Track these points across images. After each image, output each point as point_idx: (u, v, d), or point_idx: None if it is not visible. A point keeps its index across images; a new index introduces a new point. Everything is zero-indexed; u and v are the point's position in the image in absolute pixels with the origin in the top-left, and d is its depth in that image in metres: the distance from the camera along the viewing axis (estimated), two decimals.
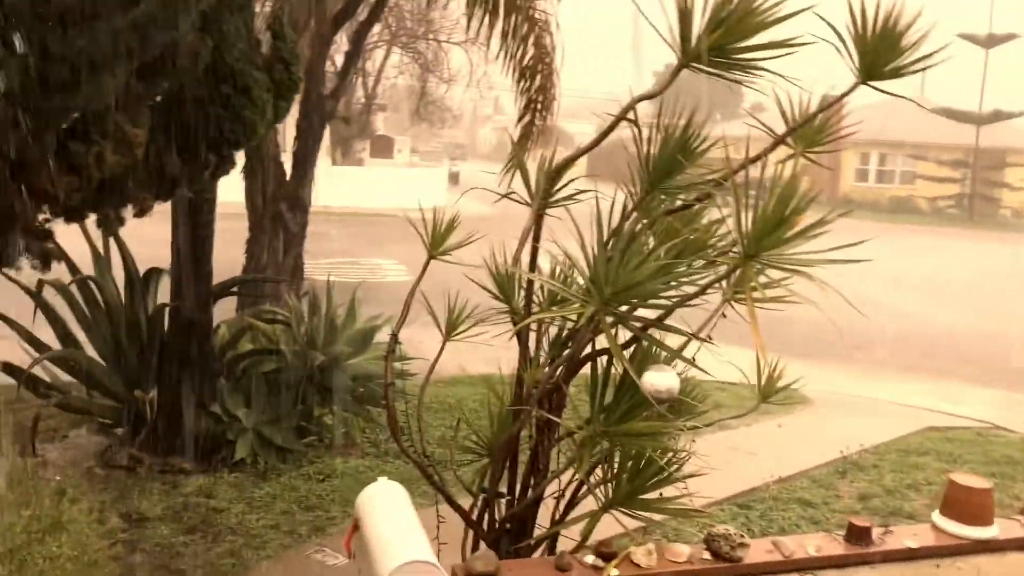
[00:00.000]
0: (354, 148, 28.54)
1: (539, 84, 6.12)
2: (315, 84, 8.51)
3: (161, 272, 5.90)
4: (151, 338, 5.67)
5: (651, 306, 2.83)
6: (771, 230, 2.48)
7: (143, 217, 3.93)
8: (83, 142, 3.33)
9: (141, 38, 3.10)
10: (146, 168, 3.69)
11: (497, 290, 3.18)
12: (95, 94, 3.17)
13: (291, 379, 5.80)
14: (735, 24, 2.75)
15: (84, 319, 5.91)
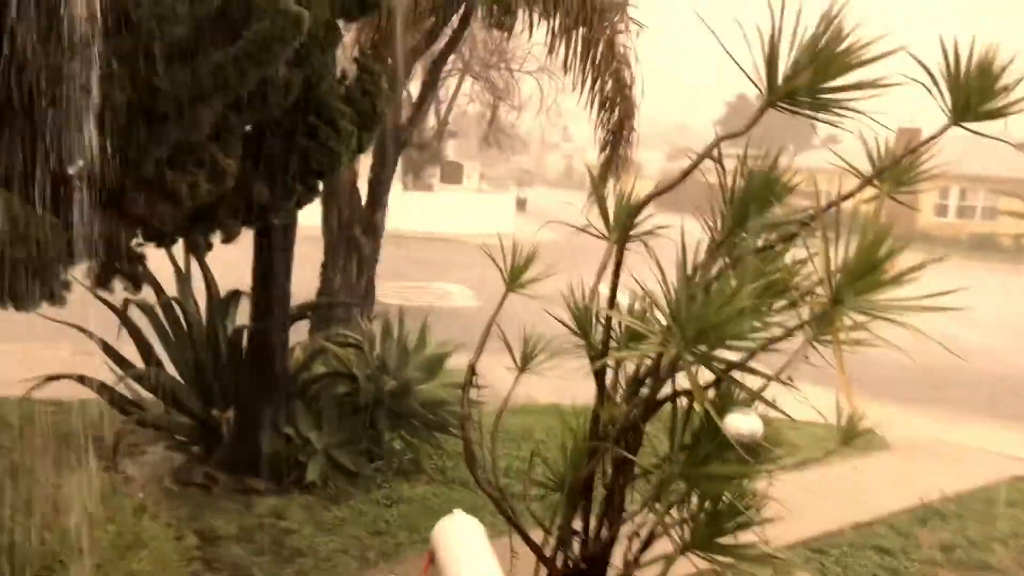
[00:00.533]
0: (425, 173, 28.96)
1: (619, 116, 6.13)
2: (392, 113, 8.68)
3: (241, 294, 6.06)
4: (230, 358, 5.81)
5: (731, 347, 2.80)
6: (861, 275, 2.44)
7: (230, 243, 4.05)
8: (179, 171, 3.45)
9: (239, 73, 3.22)
10: (235, 196, 3.81)
11: (575, 325, 3.19)
12: (193, 126, 3.30)
13: (362, 403, 5.87)
14: (824, 65, 2.73)
15: (166, 338, 6.08)
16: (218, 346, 5.93)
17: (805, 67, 2.67)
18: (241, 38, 3.18)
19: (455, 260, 18.03)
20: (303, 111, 3.93)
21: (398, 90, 8.96)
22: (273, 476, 5.57)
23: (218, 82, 3.20)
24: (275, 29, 3.16)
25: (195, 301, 6.16)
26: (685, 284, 2.74)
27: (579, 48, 5.94)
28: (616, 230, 3.19)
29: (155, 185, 3.46)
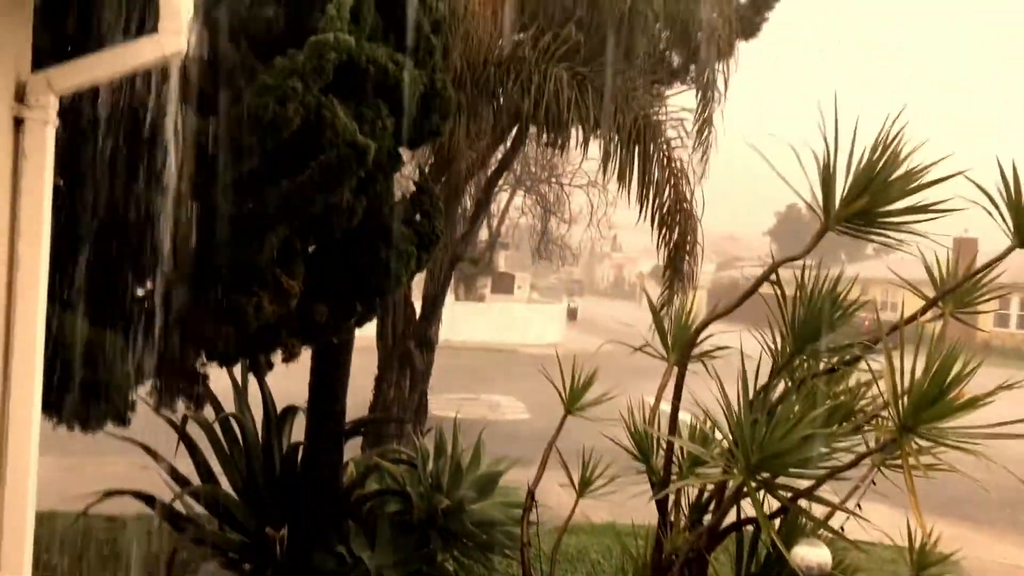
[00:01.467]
0: (476, 284, 29.31)
1: (679, 232, 6.19)
2: (448, 229, 8.88)
3: (297, 410, 6.10)
4: (284, 475, 5.81)
5: (795, 474, 2.73)
6: (929, 401, 2.39)
7: (291, 361, 4.11)
8: (243, 293, 3.55)
9: (305, 200, 3.34)
10: (297, 316, 3.89)
11: (635, 448, 3.15)
12: (259, 250, 3.42)
13: (415, 521, 5.79)
14: (880, 190, 2.75)
15: (222, 454, 6.12)
16: (273, 463, 5.95)
17: (861, 193, 2.69)
18: (308, 167, 3.32)
19: (507, 371, 18.02)
20: (365, 233, 4.04)
21: (454, 208, 9.20)
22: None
23: (285, 209, 3.33)
24: (342, 159, 3.30)
25: (252, 416, 6.22)
26: (748, 408, 2.71)
27: (636, 164, 6.04)
28: (675, 351, 3.19)
29: (221, 307, 3.56)
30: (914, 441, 2.51)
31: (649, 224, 6.49)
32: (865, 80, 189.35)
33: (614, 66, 5.70)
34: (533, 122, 5.87)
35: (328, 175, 3.30)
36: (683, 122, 6.21)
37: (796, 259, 2.95)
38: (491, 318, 25.65)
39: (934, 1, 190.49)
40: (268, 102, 3.19)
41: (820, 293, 2.86)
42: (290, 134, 3.28)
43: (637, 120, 5.85)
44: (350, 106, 3.44)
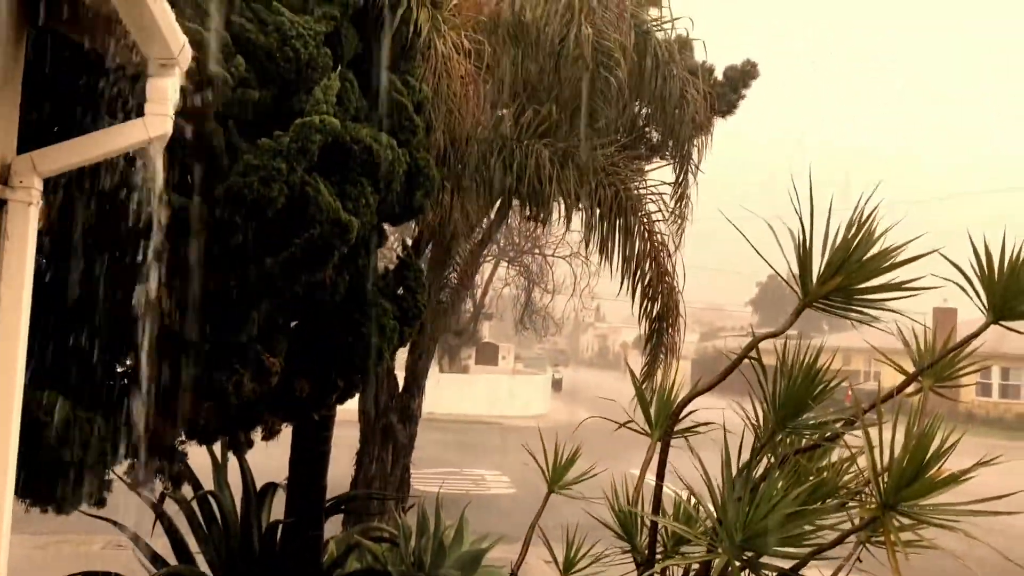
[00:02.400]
0: (460, 355, 29.20)
1: (661, 304, 6.24)
2: (431, 302, 8.89)
3: (277, 487, 6.01)
4: (263, 554, 5.69)
5: (781, 553, 2.71)
6: (911, 478, 2.39)
7: (271, 439, 4.07)
8: (225, 371, 3.53)
9: (287, 277, 3.36)
10: (278, 392, 3.86)
11: (618, 527, 3.12)
12: (240, 327, 3.41)
13: None
14: (855, 269, 2.79)
15: (200, 532, 5.99)
16: (251, 541, 5.83)
17: (836, 271, 2.73)
18: (292, 244, 3.34)
19: (491, 444, 17.87)
20: (347, 309, 4.05)
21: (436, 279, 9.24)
22: None
23: (267, 286, 3.34)
24: (325, 236, 3.33)
25: (231, 494, 6.11)
26: (731, 486, 2.69)
27: (617, 237, 6.12)
28: (659, 427, 3.18)
29: (201, 384, 3.53)
30: (896, 519, 2.50)
31: (631, 298, 6.54)
32: (857, 92, 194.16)
33: (593, 142, 5.82)
34: (516, 196, 5.95)
35: (312, 252, 3.33)
36: (663, 196, 6.32)
37: (775, 335, 2.98)
38: (475, 389, 25.52)
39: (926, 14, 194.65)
40: (253, 182, 3.23)
41: (800, 367, 2.87)
42: (274, 212, 3.31)
43: (618, 194, 5.95)
44: (334, 184, 3.48)
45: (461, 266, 10.25)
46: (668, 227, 6.48)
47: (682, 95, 6.46)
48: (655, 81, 6.35)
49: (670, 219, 6.51)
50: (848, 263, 2.74)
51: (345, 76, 3.60)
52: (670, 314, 6.34)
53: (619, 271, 6.06)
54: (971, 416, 33.48)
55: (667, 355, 6.45)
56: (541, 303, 25.91)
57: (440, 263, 9.05)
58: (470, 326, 26.59)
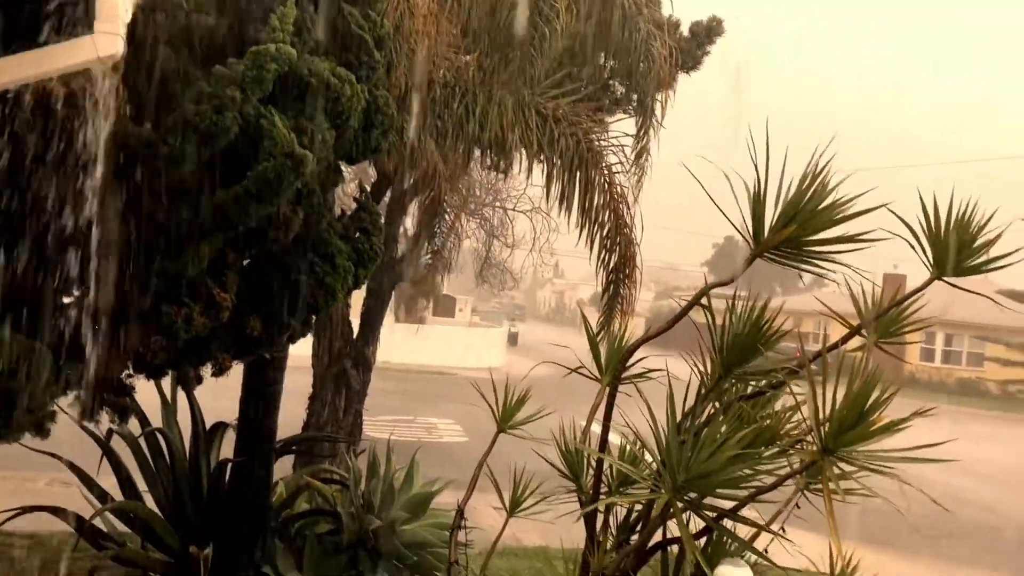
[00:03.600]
0: (417, 306, 29.14)
1: (619, 255, 6.27)
2: (388, 248, 8.84)
3: (227, 426, 5.99)
4: (211, 493, 5.68)
5: (723, 495, 2.77)
6: (850, 426, 2.45)
7: (221, 376, 4.04)
8: (174, 303, 3.49)
9: (239, 211, 3.31)
10: (229, 329, 3.83)
11: (565, 467, 3.16)
12: (191, 260, 3.36)
13: (345, 542, 5.71)
14: (807, 220, 2.83)
15: (148, 470, 5.96)
16: (200, 480, 5.82)
17: (789, 221, 2.76)
18: (245, 177, 3.28)
19: (445, 394, 17.95)
20: (301, 247, 4.01)
21: (394, 225, 9.19)
22: None
23: (219, 219, 3.29)
24: (279, 170, 3.27)
25: (180, 433, 6.08)
26: (676, 430, 2.74)
27: (577, 189, 6.12)
28: (608, 373, 3.22)
29: (150, 317, 3.49)
30: (836, 466, 2.58)
31: (589, 249, 6.57)
32: (849, 76, 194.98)
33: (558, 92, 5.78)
34: (477, 145, 5.90)
35: (264, 186, 3.27)
36: (624, 148, 6.32)
37: (726, 284, 3.01)
38: (431, 340, 25.54)
39: None
40: (205, 110, 3.15)
41: (748, 315, 2.92)
42: (227, 143, 3.24)
43: (580, 144, 5.93)
44: (289, 118, 3.42)
45: (419, 215, 10.19)
46: (628, 180, 6.49)
47: (647, 49, 6.44)
48: (623, 33, 6.31)
49: (630, 172, 6.52)
50: (800, 214, 2.77)
51: (303, 6, 3.52)
52: (627, 265, 6.39)
53: (578, 222, 6.07)
54: (914, 380, 34.44)
55: (622, 306, 6.51)
56: (500, 257, 25.90)
57: (399, 210, 8.99)
58: (427, 278, 26.52)
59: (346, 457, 6.85)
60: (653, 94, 6.50)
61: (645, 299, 42.04)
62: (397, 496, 6.09)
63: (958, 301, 17.28)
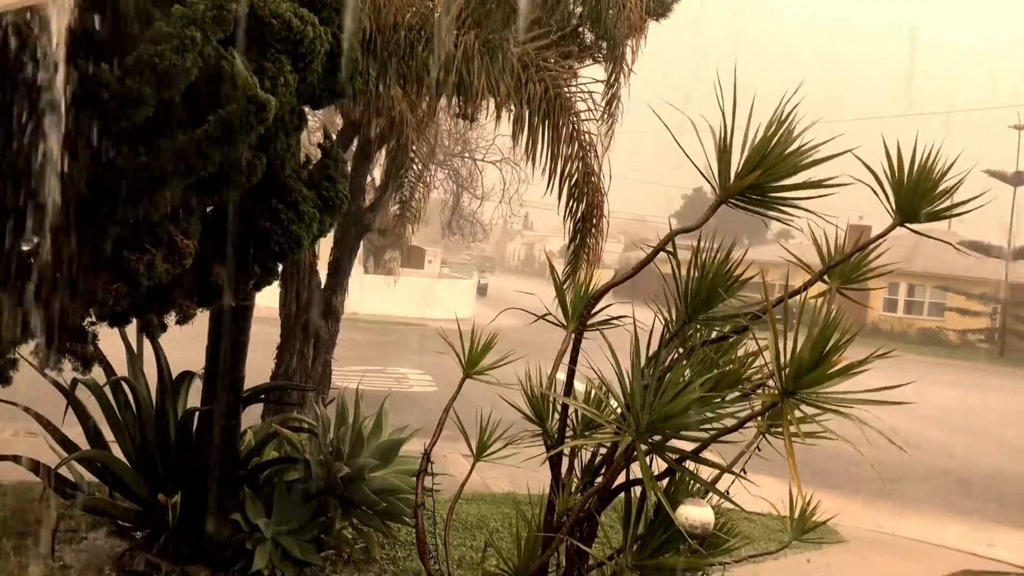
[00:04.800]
0: (386, 257, 29.00)
1: (586, 204, 6.25)
2: (355, 198, 8.76)
3: (193, 375, 5.96)
4: (179, 442, 5.67)
5: (686, 437, 2.82)
6: (810, 368, 2.49)
7: (185, 324, 4.01)
8: (136, 250, 3.44)
9: (201, 156, 3.24)
10: (192, 276, 3.79)
11: (531, 411, 3.20)
12: (152, 206, 3.31)
13: (313, 489, 5.74)
14: (772, 166, 2.84)
15: (114, 420, 5.93)
16: (167, 429, 5.79)
17: (754, 167, 2.77)
18: (206, 121, 3.22)
19: (415, 344, 17.97)
20: (265, 194, 3.95)
21: (360, 175, 9.09)
22: (219, 564, 5.38)
23: (180, 164, 3.23)
24: (241, 114, 3.21)
25: (146, 382, 6.04)
26: (640, 374, 2.77)
27: (543, 135, 6.06)
28: (573, 319, 3.24)
29: (111, 264, 3.43)
30: (797, 408, 2.63)
31: (557, 199, 6.54)
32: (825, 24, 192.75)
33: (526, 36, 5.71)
34: (444, 90, 5.82)
35: (226, 130, 3.21)
36: (592, 95, 6.27)
37: (690, 230, 3.03)
38: (400, 292, 25.49)
39: None
40: (164, 51, 3.07)
41: (713, 261, 2.94)
42: (188, 85, 3.17)
43: (548, 92, 5.87)
44: (251, 60, 3.35)
45: (387, 164, 10.08)
46: (597, 128, 6.45)
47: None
48: None
49: (599, 120, 6.48)
50: (766, 160, 2.79)
51: None
52: (594, 215, 6.38)
53: (546, 170, 6.03)
54: (877, 330, 35.06)
55: (589, 256, 6.51)
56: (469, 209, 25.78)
57: (365, 158, 8.89)
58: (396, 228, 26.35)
59: (315, 406, 6.87)
60: (623, 41, 6.44)
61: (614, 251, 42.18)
62: (366, 443, 6.11)
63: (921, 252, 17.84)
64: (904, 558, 7.15)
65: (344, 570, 5.64)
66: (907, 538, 7.99)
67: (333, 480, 5.74)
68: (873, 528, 8.16)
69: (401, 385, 14.42)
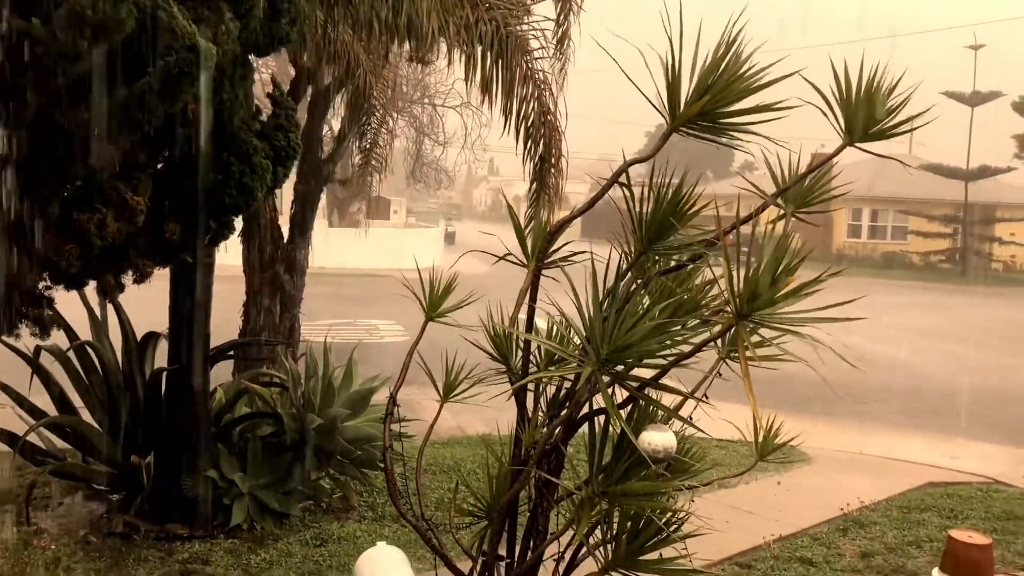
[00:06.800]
0: (350, 209, 28.76)
1: (544, 144, 6.22)
2: (313, 149, 8.64)
3: (159, 336, 5.92)
4: (148, 403, 5.65)
5: (648, 366, 2.85)
6: (762, 290, 2.52)
7: (143, 283, 3.96)
8: (85, 210, 3.38)
9: (144, 110, 3.18)
10: (147, 234, 3.74)
11: (495, 351, 3.21)
12: (98, 164, 3.24)
13: (288, 442, 5.77)
14: (721, 90, 2.82)
15: (81, 385, 5.90)
16: (136, 390, 5.77)
17: (704, 94, 2.76)
18: (146, 74, 3.14)
19: (384, 295, 17.93)
20: (216, 146, 3.89)
21: (317, 125, 8.96)
22: (197, 521, 5.42)
23: (123, 119, 3.16)
24: (182, 64, 3.13)
25: (111, 345, 5.99)
26: (599, 305, 2.79)
27: (497, 76, 5.99)
28: (533, 257, 3.24)
29: (61, 224, 3.38)
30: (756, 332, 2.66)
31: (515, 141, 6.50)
32: None
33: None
34: (395, 33, 5.71)
35: (168, 82, 3.14)
36: (544, 32, 6.20)
37: (643, 160, 3.03)
38: (366, 243, 25.32)
39: None
40: (98, 2, 2.98)
41: (667, 188, 2.94)
42: (125, 37, 3.08)
43: (499, 30, 5.79)
44: (189, 9, 3.26)
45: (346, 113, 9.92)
46: (551, 66, 6.39)
47: None
48: None
49: (553, 59, 6.42)
50: (715, 85, 2.77)
51: None
52: (553, 154, 6.35)
53: (502, 112, 5.98)
54: (842, 256, 35.53)
55: (550, 196, 6.50)
56: (432, 156, 25.52)
57: (320, 107, 8.75)
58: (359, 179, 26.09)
59: (284, 360, 6.85)
60: None
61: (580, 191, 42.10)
62: (337, 394, 6.14)
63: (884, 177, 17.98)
64: (871, 474, 7.37)
65: (323, 519, 5.71)
66: (873, 455, 8.22)
67: (307, 432, 5.77)
68: (841, 448, 8.38)
69: (372, 336, 14.44)
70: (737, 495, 6.32)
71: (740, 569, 5.06)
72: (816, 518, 5.97)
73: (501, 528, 3.06)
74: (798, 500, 6.45)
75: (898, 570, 5.09)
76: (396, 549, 2.85)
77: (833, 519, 5.98)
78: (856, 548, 5.46)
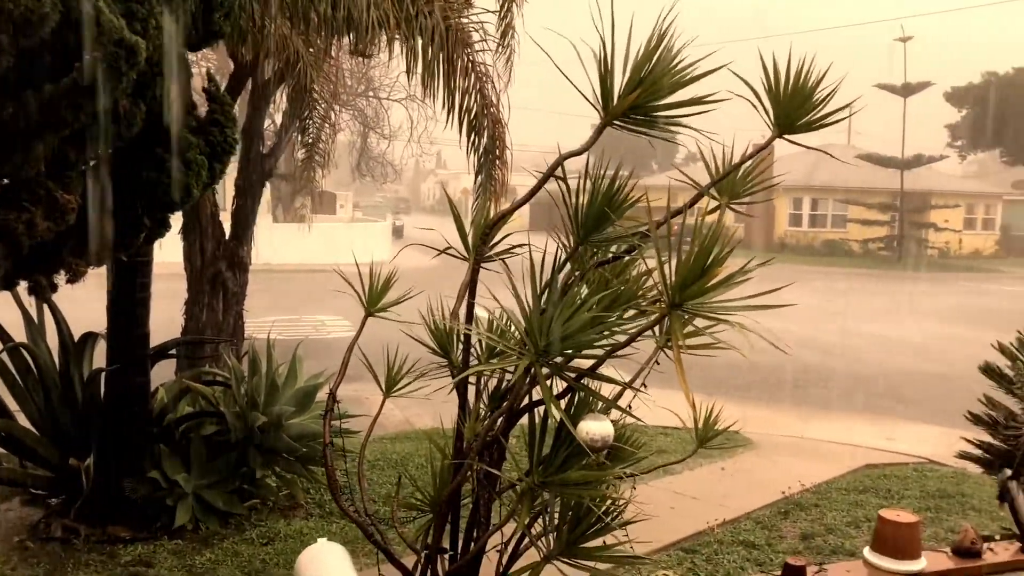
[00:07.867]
0: (295, 205, 28.39)
1: (487, 136, 6.22)
2: (253, 143, 8.53)
3: (96, 336, 5.81)
4: (87, 404, 5.55)
5: (586, 356, 2.89)
6: (693, 280, 2.57)
7: (76, 283, 3.88)
8: (12, 209, 3.30)
9: (72, 107, 3.11)
10: (79, 233, 3.66)
11: (436, 345, 3.22)
12: (25, 162, 3.17)
13: (232, 441, 5.71)
14: (652, 84, 2.87)
15: (16, 387, 5.76)
16: (73, 391, 5.66)
17: (636, 87, 2.80)
18: (73, 69, 3.08)
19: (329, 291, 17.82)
20: (149, 143, 3.82)
21: (258, 120, 8.85)
22: (140, 523, 5.34)
23: (50, 116, 3.09)
24: (110, 60, 3.08)
25: (47, 346, 5.86)
26: (537, 298, 2.81)
27: (438, 69, 5.98)
28: (474, 251, 3.25)
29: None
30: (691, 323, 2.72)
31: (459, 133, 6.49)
32: None
33: None
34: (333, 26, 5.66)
35: (95, 78, 3.08)
36: (484, 25, 6.20)
37: (578, 153, 3.06)
38: (312, 239, 25.04)
39: None
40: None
41: (601, 181, 2.98)
42: (49, 32, 3.01)
43: (440, 23, 5.78)
44: (117, 3, 3.20)
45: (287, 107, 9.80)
46: (494, 59, 6.39)
47: None
48: None
49: (496, 52, 6.42)
50: (647, 79, 2.81)
51: None
52: (497, 146, 6.36)
53: (445, 104, 5.97)
54: (784, 245, 36.22)
55: (496, 188, 6.52)
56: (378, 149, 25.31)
57: (260, 101, 8.64)
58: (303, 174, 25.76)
59: (227, 358, 6.77)
60: None
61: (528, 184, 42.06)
62: (282, 391, 6.09)
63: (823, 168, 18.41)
64: (811, 458, 7.54)
65: (270, 517, 5.67)
66: (815, 439, 8.42)
67: (251, 430, 5.72)
68: (784, 433, 8.57)
69: (319, 332, 14.33)
70: (682, 481, 6.42)
71: (684, 554, 5.15)
72: (759, 502, 6.11)
73: (444, 521, 3.07)
74: (741, 485, 6.58)
75: (837, 550, 5.23)
76: (337, 545, 2.85)
77: (775, 502, 6.12)
78: (797, 530, 5.60)
